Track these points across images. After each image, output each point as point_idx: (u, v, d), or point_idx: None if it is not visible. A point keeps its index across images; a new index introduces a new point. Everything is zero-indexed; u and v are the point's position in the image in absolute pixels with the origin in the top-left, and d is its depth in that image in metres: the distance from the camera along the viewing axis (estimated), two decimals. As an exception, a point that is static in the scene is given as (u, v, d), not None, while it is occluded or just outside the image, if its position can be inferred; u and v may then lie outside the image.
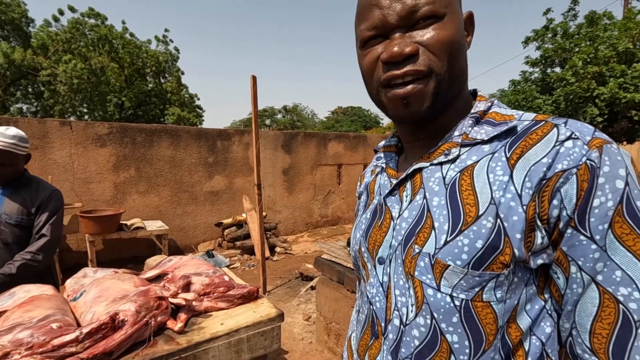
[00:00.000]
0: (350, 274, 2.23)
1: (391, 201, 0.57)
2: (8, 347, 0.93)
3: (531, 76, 10.56)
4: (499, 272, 0.45)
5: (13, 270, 1.53)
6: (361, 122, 33.30)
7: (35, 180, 1.77)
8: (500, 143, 0.49)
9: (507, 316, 0.46)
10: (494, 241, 0.44)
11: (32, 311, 1.08)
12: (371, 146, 7.59)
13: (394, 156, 0.65)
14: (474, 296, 0.46)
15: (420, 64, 0.48)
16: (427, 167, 0.54)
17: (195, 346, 1.14)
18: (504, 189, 0.45)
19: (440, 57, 0.48)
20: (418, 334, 0.49)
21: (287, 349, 2.58)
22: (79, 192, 4.45)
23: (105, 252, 4.62)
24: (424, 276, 0.48)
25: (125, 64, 16.67)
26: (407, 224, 0.52)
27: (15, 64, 13.53)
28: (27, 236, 1.68)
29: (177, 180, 5.19)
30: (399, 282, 0.52)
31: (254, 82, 3.41)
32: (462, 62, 0.52)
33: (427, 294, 0.48)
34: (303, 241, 6.10)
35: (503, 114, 0.52)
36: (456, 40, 0.49)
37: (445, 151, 0.52)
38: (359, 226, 0.65)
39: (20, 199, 1.67)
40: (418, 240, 0.50)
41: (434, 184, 0.52)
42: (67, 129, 4.37)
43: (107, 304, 1.14)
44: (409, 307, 0.50)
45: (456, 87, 0.52)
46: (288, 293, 3.76)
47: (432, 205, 0.50)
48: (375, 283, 0.57)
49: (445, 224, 0.48)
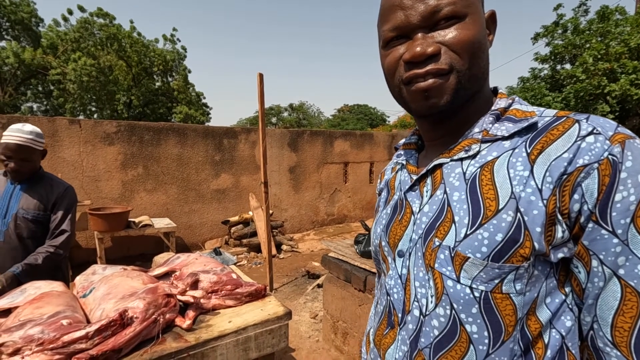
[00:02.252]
0: (358, 273, 2.22)
1: (411, 196, 0.59)
2: (19, 343, 0.94)
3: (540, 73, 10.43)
4: (518, 265, 0.45)
5: (39, 261, 1.60)
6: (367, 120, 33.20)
7: (48, 177, 1.80)
8: (520, 139, 0.50)
9: (526, 308, 0.47)
10: (514, 234, 0.45)
11: (42, 308, 1.09)
12: (377, 144, 7.55)
13: (414, 153, 0.66)
14: (494, 288, 0.46)
15: (442, 62, 0.49)
16: (447, 163, 0.55)
17: (204, 344, 1.14)
18: (524, 184, 0.46)
19: (462, 55, 0.49)
20: (438, 324, 0.50)
21: (294, 347, 2.58)
22: (88, 190, 4.50)
23: (114, 250, 4.66)
24: (444, 268, 0.49)
25: (133, 62, 16.82)
26: (427, 218, 0.54)
27: (26, 63, 13.73)
28: (42, 231, 1.71)
29: (184, 179, 5.22)
30: (418, 274, 0.54)
31: (261, 80, 3.41)
32: (484, 61, 0.52)
33: (447, 285, 0.49)
34: (309, 239, 6.10)
35: (524, 110, 0.53)
36: (477, 39, 0.50)
37: (465, 147, 0.53)
38: (379, 221, 0.66)
39: (37, 195, 1.70)
40: (438, 233, 0.51)
41: (454, 179, 0.53)
42: (76, 127, 4.41)
43: (116, 301, 1.15)
44: (428, 298, 0.52)
45: (477, 85, 0.53)
46: (294, 291, 3.77)
47: (452, 199, 0.51)
48: (394, 275, 0.59)
49: (466, 218, 0.49)
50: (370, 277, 2.14)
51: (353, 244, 2.51)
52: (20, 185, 1.70)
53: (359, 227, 6.90)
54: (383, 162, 7.70)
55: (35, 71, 14.83)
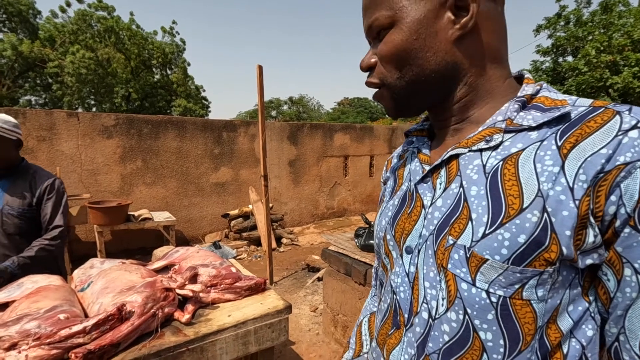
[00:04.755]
0: (358, 266, 2.21)
1: (423, 188, 0.54)
2: (16, 337, 0.92)
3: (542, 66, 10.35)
4: (542, 270, 0.41)
5: (32, 253, 1.58)
6: (367, 113, 33.09)
7: (33, 169, 1.75)
8: (550, 130, 0.45)
9: (547, 316, 0.43)
10: (538, 237, 0.41)
11: (39, 302, 1.08)
12: (377, 137, 7.52)
13: (426, 140, 0.61)
14: (513, 293, 0.43)
15: (374, 76, 0.54)
16: (465, 154, 0.50)
17: (203, 338, 1.13)
18: (554, 181, 0.41)
19: (388, 68, 0.51)
20: (448, 329, 0.47)
21: (294, 340, 2.59)
22: (87, 184, 4.48)
23: (114, 243, 4.66)
24: (458, 269, 0.46)
25: (131, 55, 16.68)
26: (440, 213, 0.50)
27: (23, 56, 13.62)
28: (29, 226, 1.68)
29: (184, 172, 5.20)
30: (428, 273, 0.50)
31: (260, 72, 3.37)
32: (426, 60, 0.50)
33: (460, 288, 0.46)
34: (309, 232, 6.10)
35: (554, 98, 0.48)
36: (404, 47, 0.49)
37: (486, 137, 0.49)
38: (384, 212, 0.62)
39: (21, 189, 1.66)
40: (452, 231, 0.47)
41: (472, 171, 0.48)
42: (74, 120, 4.38)
43: (114, 295, 1.13)
44: (439, 301, 0.48)
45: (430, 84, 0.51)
46: (294, 284, 3.77)
47: (469, 194, 0.47)
48: (401, 272, 0.55)
49: (484, 216, 0.45)
50: (370, 271, 2.13)
51: (353, 238, 2.50)
52: (3, 181, 1.65)
53: (359, 221, 6.90)
54: (383, 155, 7.67)
55: (33, 64, 14.72)
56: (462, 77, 0.51)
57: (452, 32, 0.48)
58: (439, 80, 0.50)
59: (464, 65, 0.50)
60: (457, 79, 0.51)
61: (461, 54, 0.49)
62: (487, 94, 0.51)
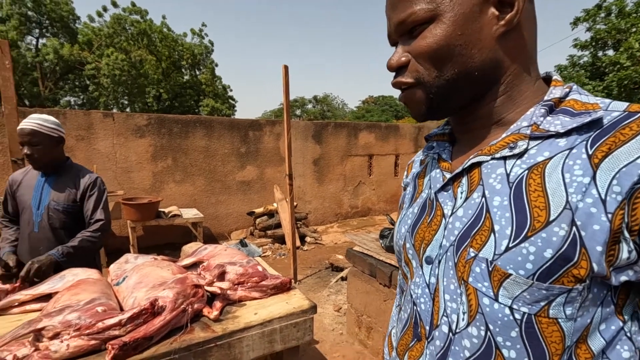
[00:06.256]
0: (383, 267, 2.19)
1: (443, 197, 0.53)
2: (59, 327, 0.98)
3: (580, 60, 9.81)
4: (570, 287, 0.39)
5: (75, 243, 1.69)
6: (392, 111, 32.63)
7: (76, 168, 1.87)
8: (580, 137, 0.42)
9: (576, 336, 0.41)
10: (566, 252, 0.39)
11: (79, 294, 1.14)
12: (403, 136, 7.40)
13: (447, 146, 0.59)
14: (539, 311, 0.41)
15: (408, 75, 0.50)
16: (487, 162, 0.48)
17: (230, 334, 1.15)
18: (584, 193, 0.39)
19: (426, 66, 0.48)
20: (469, 345, 0.45)
21: (318, 338, 2.60)
22: (121, 181, 4.69)
23: (145, 238, 4.85)
24: (480, 283, 0.44)
25: (162, 57, 17.28)
26: (461, 224, 0.48)
27: (64, 59, 14.42)
28: (73, 221, 1.79)
29: (211, 170, 5.34)
30: (449, 286, 0.48)
31: (286, 72, 3.39)
32: (469, 57, 0.47)
33: (482, 303, 0.44)
34: (333, 232, 6.10)
35: (584, 102, 0.45)
36: (447, 43, 0.46)
37: (510, 144, 0.46)
38: (404, 220, 0.61)
39: (66, 186, 1.78)
40: (474, 243, 0.45)
41: (495, 181, 0.46)
42: (110, 120, 4.59)
43: (147, 290, 1.18)
44: (460, 315, 0.46)
45: (468, 84, 0.48)
46: (318, 283, 3.78)
47: (492, 205, 0.45)
48: (421, 283, 0.53)
49: (508, 228, 0.42)
50: (395, 273, 2.10)
51: (378, 238, 2.47)
52: (50, 178, 1.77)
53: (383, 221, 6.82)
54: (409, 154, 7.54)
55: (72, 66, 15.57)
56: (501, 77, 0.49)
57: (496, 28, 0.46)
58: (480, 78, 0.48)
59: (505, 63, 0.48)
60: (496, 78, 0.49)
61: (503, 51, 0.47)
62: (519, 96, 0.49)
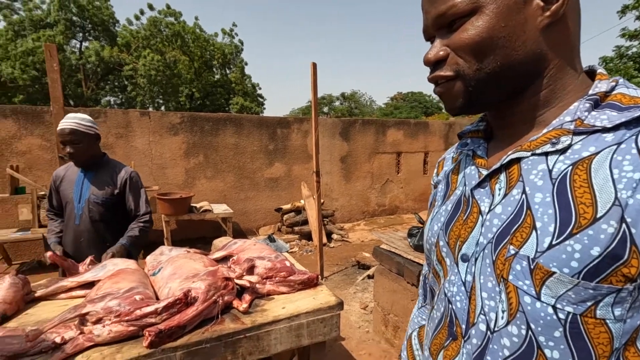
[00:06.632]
0: (411, 266, 2.15)
1: (480, 194, 0.52)
2: (101, 313, 1.05)
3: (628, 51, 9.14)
4: (620, 287, 0.37)
5: (136, 233, 1.86)
6: (422, 108, 31.89)
7: (113, 163, 1.98)
8: (629, 132, 0.40)
9: (625, 338, 0.39)
10: (615, 249, 0.37)
11: (119, 283, 1.21)
12: (433, 133, 7.23)
13: (482, 142, 0.58)
14: (585, 311, 0.39)
15: (447, 68, 0.49)
16: (527, 157, 0.47)
17: (259, 327, 1.18)
18: (634, 189, 0.37)
19: (467, 58, 0.47)
20: (509, 344, 0.44)
21: (344, 335, 2.60)
22: (156, 176, 4.91)
23: (178, 232, 5.05)
24: (520, 281, 0.43)
25: (195, 57, 17.85)
26: (499, 221, 0.47)
27: (104, 61, 15.24)
28: (111, 214, 1.90)
29: (240, 167, 5.46)
30: (486, 284, 0.47)
31: (314, 70, 3.40)
32: (513, 49, 0.45)
33: (523, 301, 0.43)
34: (359, 229, 6.08)
35: (633, 95, 0.43)
36: (490, 35, 0.45)
37: (552, 139, 0.45)
38: (437, 218, 0.60)
39: (104, 181, 1.89)
40: (514, 240, 0.44)
41: (536, 177, 0.45)
42: (146, 118, 4.81)
43: (181, 281, 1.23)
44: (498, 313, 0.45)
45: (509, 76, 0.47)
46: (344, 280, 3.79)
47: (533, 201, 0.44)
48: (456, 281, 0.52)
49: (551, 225, 0.41)
50: (424, 272, 2.06)
51: (406, 237, 2.44)
52: (89, 173, 1.89)
53: (411, 219, 6.70)
54: (438, 152, 7.36)
55: (112, 68, 16.42)
56: (544, 70, 0.47)
57: (541, 20, 0.45)
58: (523, 71, 0.47)
59: (549, 56, 0.47)
60: (539, 72, 0.48)
61: (546, 43, 0.46)
62: (562, 90, 0.48)
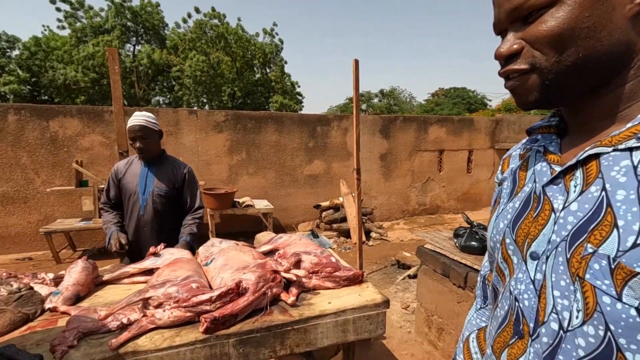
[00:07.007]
0: (457, 268, 2.08)
1: (552, 190, 0.50)
2: (162, 298, 1.12)
3: None
4: None
5: (194, 230, 2.03)
6: (465, 104, 30.52)
7: (172, 159, 2.14)
8: None
9: None
10: None
11: (177, 271, 1.28)
12: (478, 130, 6.91)
13: (554, 138, 0.56)
14: None
15: (522, 61, 0.48)
16: (608, 153, 0.45)
17: (306, 320, 1.20)
18: None
19: (545, 51, 0.45)
20: (584, 344, 0.42)
21: (385, 334, 2.57)
22: (202, 172, 5.14)
23: (222, 226, 5.26)
24: (599, 281, 0.41)
25: (237, 57, 18.44)
26: (575, 218, 0.45)
27: (155, 63, 16.20)
28: (170, 206, 2.03)
29: (281, 164, 5.57)
30: (558, 282, 0.46)
31: (356, 66, 3.38)
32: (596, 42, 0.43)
33: (601, 301, 0.41)
34: (399, 228, 5.97)
35: None
36: (572, 25, 0.43)
37: (638, 134, 0.42)
38: (502, 215, 0.59)
39: (165, 175, 2.03)
40: (592, 238, 0.42)
41: (618, 173, 0.42)
42: (194, 117, 5.04)
43: (232, 272, 1.28)
44: (573, 312, 0.44)
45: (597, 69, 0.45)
46: (384, 279, 3.74)
47: (615, 199, 0.41)
48: (525, 279, 0.51)
49: (635, 223, 0.39)
50: (471, 274, 1.98)
51: (452, 237, 2.36)
52: (152, 167, 2.03)
53: (453, 219, 6.47)
54: (484, 150, 7.02)
55: (161, 69, 17.42)
56: (631, 61, 0.44)
57: (630, 7, 0.42)
58: (608, 63, 0.44)
59: (637, 45, 0.43)
60: (626, 63, 0.44)
61: (635, 32, 0.43)
62: None
